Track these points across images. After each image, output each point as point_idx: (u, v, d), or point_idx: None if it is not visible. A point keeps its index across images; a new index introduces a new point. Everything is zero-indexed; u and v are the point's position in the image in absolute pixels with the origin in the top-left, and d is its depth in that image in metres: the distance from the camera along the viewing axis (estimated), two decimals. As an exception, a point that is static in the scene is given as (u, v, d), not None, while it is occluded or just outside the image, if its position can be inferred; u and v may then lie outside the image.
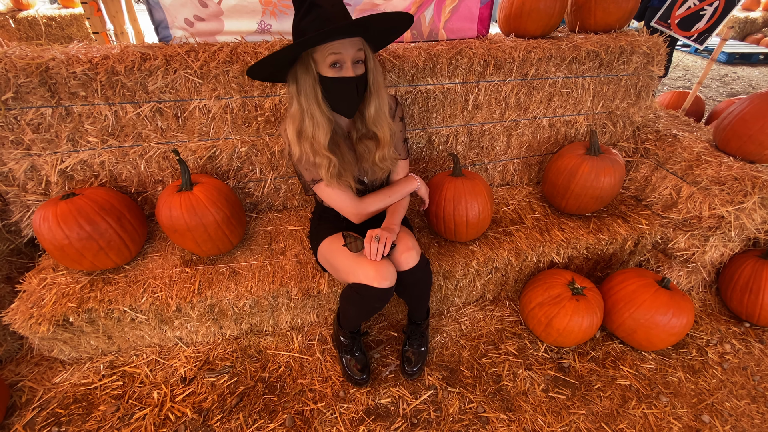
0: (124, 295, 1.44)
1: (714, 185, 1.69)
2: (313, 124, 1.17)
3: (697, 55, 6.74)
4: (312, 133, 1.18)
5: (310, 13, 1.07)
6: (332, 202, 1.34)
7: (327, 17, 1.07)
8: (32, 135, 1.44)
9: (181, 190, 1.44)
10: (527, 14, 1.78)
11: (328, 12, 1.08)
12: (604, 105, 1.99)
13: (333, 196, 1.31)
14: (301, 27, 1.10)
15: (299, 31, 1.12)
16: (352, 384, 1.51)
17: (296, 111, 1.18)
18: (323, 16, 1.07)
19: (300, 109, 1.17)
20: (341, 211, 1.36)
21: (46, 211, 1.36)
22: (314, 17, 1.07)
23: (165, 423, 1.39)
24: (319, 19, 1.07)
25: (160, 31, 1.54)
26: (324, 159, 1.22)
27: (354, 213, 1.34)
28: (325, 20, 1.07)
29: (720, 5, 2.06)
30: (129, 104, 1.47)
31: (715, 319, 1.87)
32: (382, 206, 1.39)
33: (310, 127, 1.18)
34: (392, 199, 1.40)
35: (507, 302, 1.90)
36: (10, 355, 1.59)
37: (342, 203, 1.33)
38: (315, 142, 1.19)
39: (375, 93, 1.21)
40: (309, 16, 1.08)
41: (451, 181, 1.59)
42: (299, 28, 1.11)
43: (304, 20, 1.09)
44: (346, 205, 1.33)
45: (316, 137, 1.19)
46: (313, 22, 1.07)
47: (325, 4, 1.07)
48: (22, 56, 1.34)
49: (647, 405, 1.50)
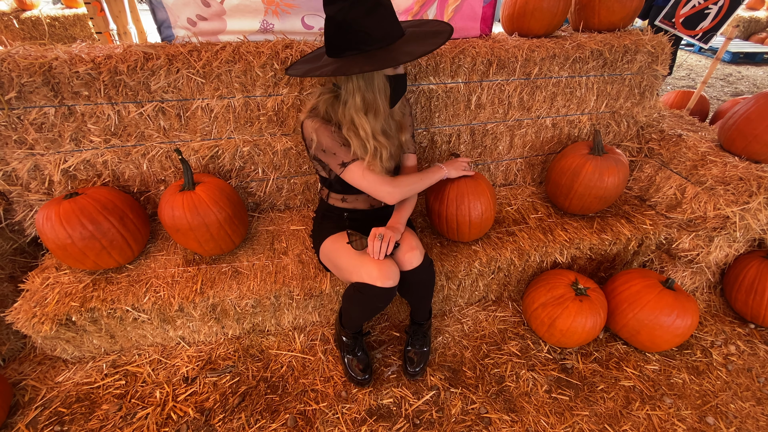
0: (127, 295, 1.44)
1: (719, 185, 1.68)
2: (376, 117, 1.24)
3: (701, 55, 6.70)
4: (373, 125, 1.25)
5: (376, 12, 1.09)
6: (366, 183, 1.30)
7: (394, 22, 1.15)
8: (35, 134, 1.45)
9: (183, 190, 1.44)
10: (530, 13, 1.77)
11: (393, 14, 1.14)
12: (607, 104, 1.98)
13: (368, 177, 1.29)
14: (365, 24, 1.09)
15: (359, 28, 1.09)
16: (354, 384, 1.51)
17: (361, 105, 1.20)
18: (392, 18, 1.14)
19: (364, 103, 1.20)
20: (375, 192, 1.32)
21: (49, 211, 1.36)
22: (381, 18, 1.11)
23: (167, 422, 1.39)
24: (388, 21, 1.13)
25: (162, 30, 1.54)
26: (385, 149, 1.29)
27: (387, 192, 1.31)
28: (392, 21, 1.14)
29: (725, 4, 2.04)
30: (132, 104, 1.47)
31: (719, 320, 1.86)
32: (416, 188, 1.39)
33: (374, 122, 1.24)
34: (423, 184, 1.41)
35: (510, 303, 1.89)
36: (13, 354, 1.59)
37: (377, 183, 1.30)
38: (379, 133, 1.27)
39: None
40: (375, 15, 1.09)
41: (454, 181, 1.58)
42: (360, 25, 1.09)
43: (370, 19, 1.09)
44: (381, 185, 1.30)
45: (375, 128, 1.25)
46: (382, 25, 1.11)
47: (387, 3, 1.12)
48: (25, 56, 1.34)
49: (651, 406, 1.49)
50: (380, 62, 1.08)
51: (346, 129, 1.24)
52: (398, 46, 1.13)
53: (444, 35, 1.15)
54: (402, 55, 1.10)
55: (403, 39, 1.16)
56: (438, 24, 1.26)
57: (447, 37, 1.14)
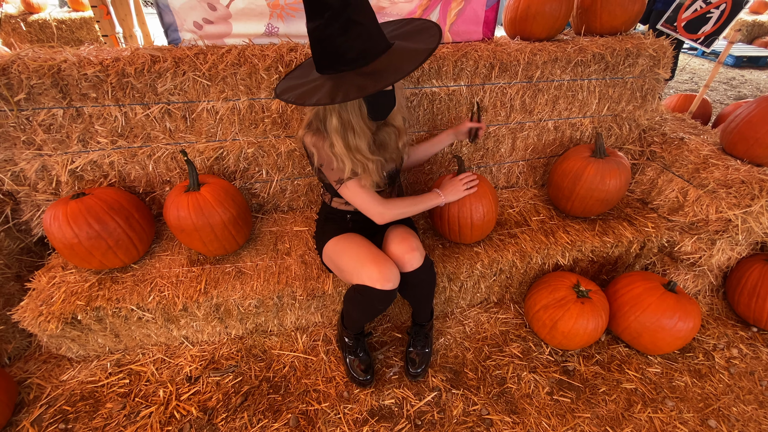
0: (132, 294, 1.46)
1: (721, 188, 1.68)
2: (356, 135, 1.20)
3: (704, 58, 6.70)
4: (356, 145, 1.21)
5: (350, 30, 1.02)
6: (359, 201, 1.32)
7: (372, 39, 1.06)
8: (44, 135, 1.47)
9: (188, 191, 1.46)
10: (533, 17, 1.79)
11: (371, 31, 1.06)
12: (609, 108, 1.99)
13: (361, 196, 1.30)
14: (340, 46, 1.04)
15: (336, 48, 1.05)
16: (356, 384, 1.52)
17: (337, 125, 1.18)
18: (367, 36, 1.05)
19: (341, 122, 1.18)
20: (366, 211, 1.34)
21: (56, 210, 1.38)
22: (356, 36, 1.03)
23: (170, 421, 1.40)
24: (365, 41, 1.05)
25: (169, 33, 1.56)
26: (372, 163, 1.25)
27: (378, 212, 1.33)
28: (368, 41, 1.05)
29: (727, 8, 2.05)
30: (138, 105, 1.49)
31: (722, 323, 1.85)
32: (405, 212, 1.39)
33: (353, 140, 1.21)
34: (416, 209, 1.41)
35: (511, 304, 1.89)
36: (19, 353, 1.61)
37: (369, 203, 1.32)
38: (361, 150, 1.23)
39: (398, 88, 1.25)
40: (349, 33, 1.02)
41: None
42: (335, 44, 1.04)
43: (343, 38, 1.03)
44: (373, 205, 1.32)
45: (360, 147, 1.22)
46: (357, 44, 1.04)
47: (365, 20, 1.04)
48: (34, 58, 1.37)
49: (653, 409, 1.49)
50: (343, 94, 1.03)
51: (329, 146, 1.23)
52: (376, 66, 1.07)
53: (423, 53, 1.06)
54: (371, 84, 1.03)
55: (387, 54, 1.09)
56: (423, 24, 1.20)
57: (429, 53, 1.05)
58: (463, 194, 1.51)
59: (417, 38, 1.14)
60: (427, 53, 1.05)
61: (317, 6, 1.00)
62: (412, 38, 1.15)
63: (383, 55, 1.08)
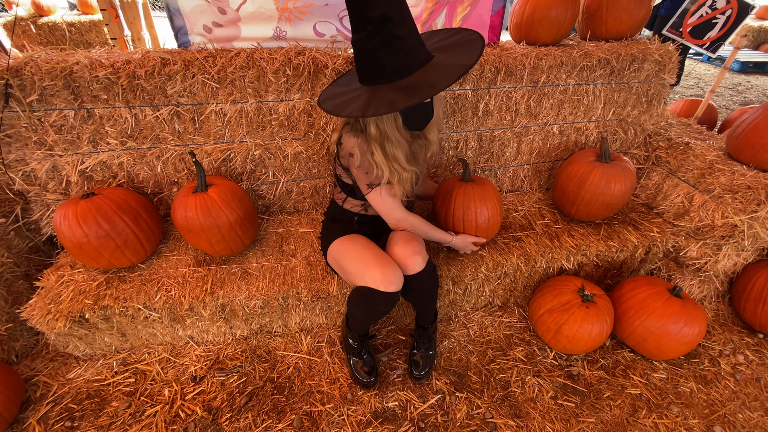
0: (139, 293, 1.47)
1: (727, 193, 1.68)
2: (393, 146, 1.24)
3: (709, 64, 6.69)
4: (393, 154, 1.25)
5: (390, 45, 1.04)
6: (383, 207, 1.36)
7: (410, 53, 1.07)
8: (55, 136, 1.49)
9: (196, 191, 1.47)
10: (538, 22, 1.80)
11: (410, 45, 1.07)
12: (615, 112, 1.99)
13: (388, 201, 1.35)
14: (379, 59, 1.07)
15: (375, 62, 1.09)
16: (359, 386, 1.52)
17: (376, 134, 1.22)
18: (407, 50, 1.07)
19: (378, 132, 1.22)
20: (387, 216, 1.39)
21: (66, 210, 1.40)
22: (396, 51, 1.06)
23: (175, 420, 1.41)
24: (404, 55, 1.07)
25: (179, 37, 1.58)
26: (409, 173, 1.30)
27: (397, 219, 1.39)
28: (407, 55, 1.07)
29: (733, 14, 2.06)
30: (148, 107, 1.51)
31: (728, 329, 1.84)
32: (419, 232, 1.45)
33: (390, 149, 1.25)
34: (426, 233, 1.48)
35: (516, 308, 1.89)
36: (26, 351, 1.62)
37: (393, 209, 1.37)
38: (399, 160, 1.27)
39: (437, 102, 1.27)
40: (389, 47, 1.05)
41: (461, 186, 1.60)
42: (375, 58, 1.08)
43: (384, 51, 1.06)
44: (396, 211, 1.37)
45: (397, 157, 1.26)
46: (397, 58, 1.07)
47: (404, 35, 1.04)
48: (47, 60, 1.39)
49: (658, 415, 1.48)
50: (374, 108, 1.06)
51: (370, 154, 1.26)
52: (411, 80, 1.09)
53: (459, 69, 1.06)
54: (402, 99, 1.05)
55: (424, 69, 1.10)
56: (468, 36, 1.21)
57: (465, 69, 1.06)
58: (468, 251, 1.64)
59: (459, 51, 1.15)
60: (463, 69, 1.06)
61: (360, 20, 1.04)
62: (455, 51, 1.16)
63: (420, 70, 1.10)
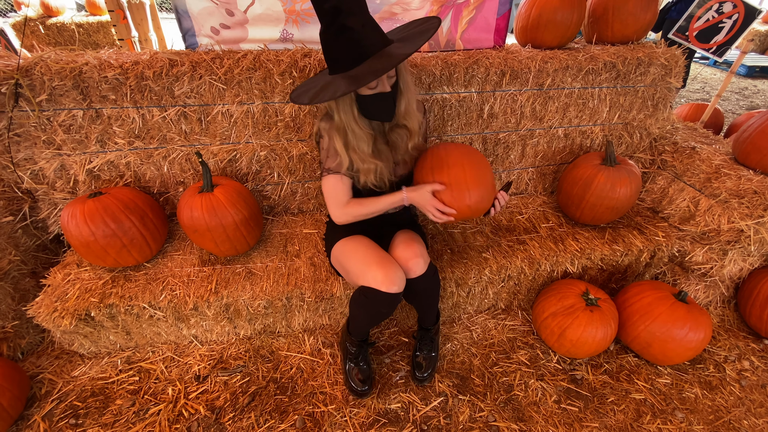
0: (144, 292, 1.48)
1: (733, 198, 1.67)
2: (356, 137, 1.26)
3: (715, 68, 6.66)
4: (355, 145, 1.27)
5: (342, 36, 1.06)
6: (327, 196, 1.37)
7: (361, 43, 1.08)
8: (63, 136, 1.51)
9: (202, 192, 1.48)
10: (544, 25, 1.80)
11: (361, 35, 1.07)
12: (620, 116, 1.99)
13: (332, 192, 1.35)
14: (334, 51, 1.10)
15: (332, 53, 1.12)
16: (353, 395, 1.49)
17: (339, 124, 1.25)
18: (356, 40, 1.07)
19: (342, 122, 1.24)
20: (329, 208, 1.39)
21: (74, 209, 1.41)
22: (347, 41, 1.07)
23: (179, 419, 1.41)
24: (354, 45, 1.07)
25: (187, 38, 1.60)
26: (371, 164, 1.30)
27: (335, 216, 1.38)
28: (357, 45, 1.08)
29: (739, 18, 2.05)
30: (156, 108, 1.52)
31: (733, 335, 1.83)
32: (366, 214, 1.37)
33: (353, 140, 1.26)
34: (376, 208, 1.35)
35: (519, 311, 1.89)
36: (32, 348, 1.63)
37: (333, 203, 1.36)
38: (359, 151, 1.28)
39: (405, 92, 1.26)
40: (341, 38, 1.07)
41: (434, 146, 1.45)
42: (332, 49, 1.11)
43: (337, 42, 1.08)
44: (334, 206, 1.36)
45: (360, 148, 1.27)
46: (348, 48, 1.08)
47: (355, 25, 1.06)
48: (57, 60, 1.41)
49: (662, 420, 1.47)
50: (321, 97, 1.11)
51: (333, 140, 1.29)
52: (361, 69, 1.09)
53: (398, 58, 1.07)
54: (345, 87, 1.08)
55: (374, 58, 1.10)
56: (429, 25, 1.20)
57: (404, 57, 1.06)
58: (429, 207, 1.31)
59: (413, 40, 1.14)
60: (400, 58, 1.07)
61: (318, 12, 1.07)
62: (411, 40, 1.15)
63: (371, 58, 1.10)
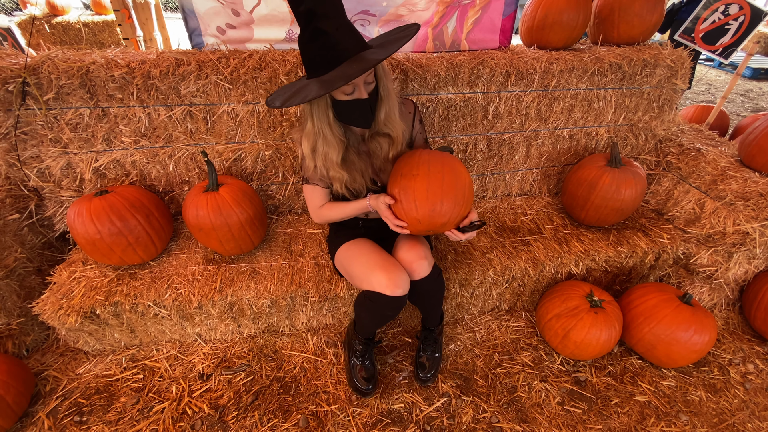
0: (149, 290, 1.49)
1: (739, 201, 1.66)
2: (326, 143, 1.23)
3: (721, 70, 6.63)
4: (325, 152, 1.24)
5: (316, 39, 1.05)
6: (306, 200, 1.45)
7: (335, 47, 1.05)
8: (70, 134, 1.51)
9: (207, 191, 1.49)
10: (550, 26, 1.80)
11: (335, 39, 1.05)
12: (625, 117, 1.98)
13: (308, 198, 1.43)
14: (309, 54, 1.09)
15: (307, 57, 1.11)
16: (356, 393, 1.49)
17: (310, 129, 1.22)
18: (330, 45, 1.05)
19: (313, 128, 1.22)
20: (308, 209, 1.47)
21: (80, 207, 1.42)
22: (321, 45, 1.05)
23: (182, 417, 1.42)
24: (328, 49, 1.05)
25: (193, 38, 1.60)
26: (337, 173, 1.28)
27: (314, 215, 1.45)
28: (332, 49, 1.05)
29: (745, 20, 2.04)
30: (162, 107, 1.53)
31: (738, 337, 1.82)
32: (336, 217, 1.41)
33: (322, 146, 1.24)
34: (345, 214, 1.39)
35: (523, 313, 1.88)
36: (37, 345, 1.64)
37: (310, 207, 1.45)
38: (327, 159, 1.25)
39: (385, 99, 1.22)
40: (316, 42, 1.05)
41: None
42: (307, 53, 1.09)
43: (311, 46, 1.06)
44: (311, 209, 1.45)
45: (328, 155, 1.25)
46: (322, 52, 1.06)
47: (329, 29, 1.03)
48: (64, 59, 1.42)
49: (666, 423, 1.47)
50: (291, 101, 1.09)
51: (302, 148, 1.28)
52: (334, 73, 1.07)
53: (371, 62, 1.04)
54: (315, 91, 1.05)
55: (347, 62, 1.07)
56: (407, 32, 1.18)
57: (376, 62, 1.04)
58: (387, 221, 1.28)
59: (389, 46, 1.12)
60: (373, 63, 1.04)
61: (295, 15, 1.06)
62: (388, 46, 1.13)
63: (345, 63, 1.08)
